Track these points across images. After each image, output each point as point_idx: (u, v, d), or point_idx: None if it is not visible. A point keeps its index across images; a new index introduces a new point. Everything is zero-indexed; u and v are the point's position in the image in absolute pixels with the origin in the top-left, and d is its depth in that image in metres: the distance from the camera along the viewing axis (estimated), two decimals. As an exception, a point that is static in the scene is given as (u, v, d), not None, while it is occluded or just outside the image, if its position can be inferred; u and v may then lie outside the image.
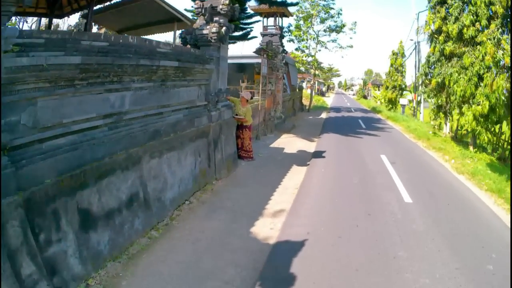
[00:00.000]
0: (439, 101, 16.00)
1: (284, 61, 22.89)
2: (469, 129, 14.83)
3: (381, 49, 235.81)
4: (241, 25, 13.86)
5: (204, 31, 7.91)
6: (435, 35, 16.36)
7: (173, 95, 6.58)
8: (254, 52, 13.59)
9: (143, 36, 12.80)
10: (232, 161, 8.67)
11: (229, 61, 23.15)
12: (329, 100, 55.27)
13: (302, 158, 10.58)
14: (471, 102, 13.66)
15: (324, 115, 26.80)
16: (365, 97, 70.31)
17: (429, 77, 16.80)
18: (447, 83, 15.16)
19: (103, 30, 13.22)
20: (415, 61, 29.08)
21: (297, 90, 29.60)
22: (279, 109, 17.73)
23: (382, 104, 42.56)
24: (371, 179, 8.62)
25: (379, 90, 65.89)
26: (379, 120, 25.62)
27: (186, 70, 6.77)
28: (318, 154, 11.36)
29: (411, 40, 31.47)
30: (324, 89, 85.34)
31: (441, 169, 10.79)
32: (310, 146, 12.77)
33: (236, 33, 13.67)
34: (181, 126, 6.71)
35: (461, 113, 14.49)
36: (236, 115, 9.45)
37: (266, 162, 9.85)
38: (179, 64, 6.40)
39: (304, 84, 57.39)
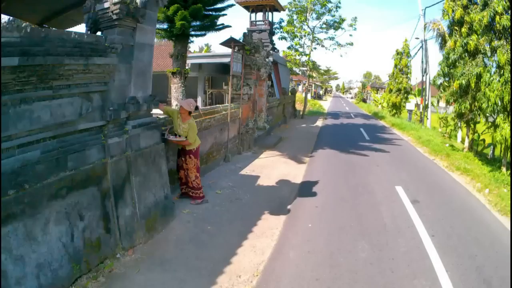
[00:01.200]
0: (463, 107, 12.84)
1: (271, 60, 19.73)
2: (484, 141, 11.93)
3: (380, 50, 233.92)
4: (208, 11, 10.59)
5: (106, 4, 4.68)
6: (455, 27, 13.33)
7: (18, 117, 3.43)
8: (221, 44, 10.37)
9: (71, 29, 9.70)
10: (159, 214, 5.40)
11: (212, 60, 19.97)
12: (327, 104, 52.05)
13: (281, 198, 7.32)
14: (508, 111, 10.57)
15: (320, 123, 23.59)
16: (364, 100, 67.47)
17: (447, 78, 13.72)
18: (472, 85, 12.12)
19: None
20: (422, 61, 26.11)
21: (289, 93, 26.40)
22: (263, 117, 14.51)
23: (384, 109, 39.49)
24: (388, 246, 5.34)
25: (378, 93, 63.08)
26: (383, 128, 22.41)
27: (45, 70, 3.58)
28: (306, 189, 8.11)
29: (417, 38, 28.43)
30: (321, 92, 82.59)
31: (476, 205, 7.69)
32: (297, 172, 9.53)
33: (200, 22, 10.44)
34: (34, 172, 3.56)
35: (493, 126, 11.38)
36: (175, 135, 6.22)
37: (222, 208, 6.60)
38: (24, 61, 3.25)
39: (300, 87, 54.34)
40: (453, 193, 8.60)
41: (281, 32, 25.37)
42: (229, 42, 10.40)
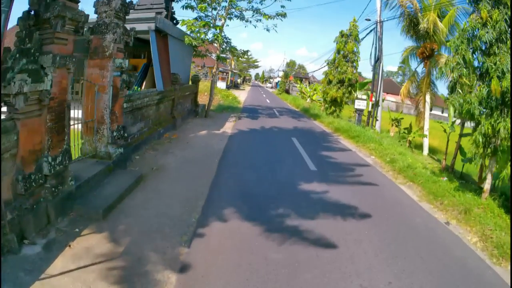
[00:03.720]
0: (501, 128, 7.28)
1: (152, 27, 12.45)
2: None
3: (305, 38, 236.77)
4: None
5: None
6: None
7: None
8: None
9: None
10: None
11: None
12: (243, 95, 45.44)
13: None
14: None
15: (230, 126, 16.73)
16: (287, 91, 62.84)
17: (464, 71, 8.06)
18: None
19: None
20: (375, 47, 21.11)
21: (190, 82, 19.25)
22: (105, 135, 7.33)
23: (316, 104, 34.41)
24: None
25: (303, 83, 58.87)
26: (326, 137, 16.49)
27: None
28: None
29: (368, 19, 23.44)
30: (239, 80, 76.72)
31: None
32: None
33: None
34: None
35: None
36: None
37: None
38: None
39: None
40: None
41: (187, -1, 17.89)
42: None
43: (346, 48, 23.81)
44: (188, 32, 16.98)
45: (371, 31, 22.62)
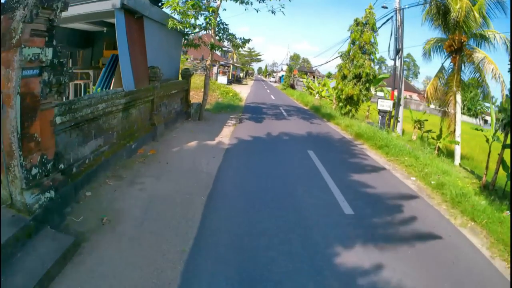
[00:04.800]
0: None
1: (119, 5, 9.61)
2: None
3: (307, 31, 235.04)
4: None
5: None
6: None
7: None
8: None
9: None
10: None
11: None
12: (246, 90, 42.53)
13: None
14: None
15: (227, 134, 13.80)
16: (292, 86, 60.25)
17: None
18: None
19: None
20: (395, 38, 18.55)
21: (180, 77, 16.51)
22: (17, 175, 4.56)
23: (325, 101, 31.90)
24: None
25: (308, 77, 56.66)
26: (347, 145, 13.82)
27: None
28: None
29: (384, 7, 20.91)
30: (241, 75, 74.13)
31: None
32: None
33: None
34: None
35: None
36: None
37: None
38: None
39: (215, 69, 44.47)
40: None
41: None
42: None
43: (362, 38, 20.99)
44: (176, 17, 14.14)
45: (387, 20, 20.13)
